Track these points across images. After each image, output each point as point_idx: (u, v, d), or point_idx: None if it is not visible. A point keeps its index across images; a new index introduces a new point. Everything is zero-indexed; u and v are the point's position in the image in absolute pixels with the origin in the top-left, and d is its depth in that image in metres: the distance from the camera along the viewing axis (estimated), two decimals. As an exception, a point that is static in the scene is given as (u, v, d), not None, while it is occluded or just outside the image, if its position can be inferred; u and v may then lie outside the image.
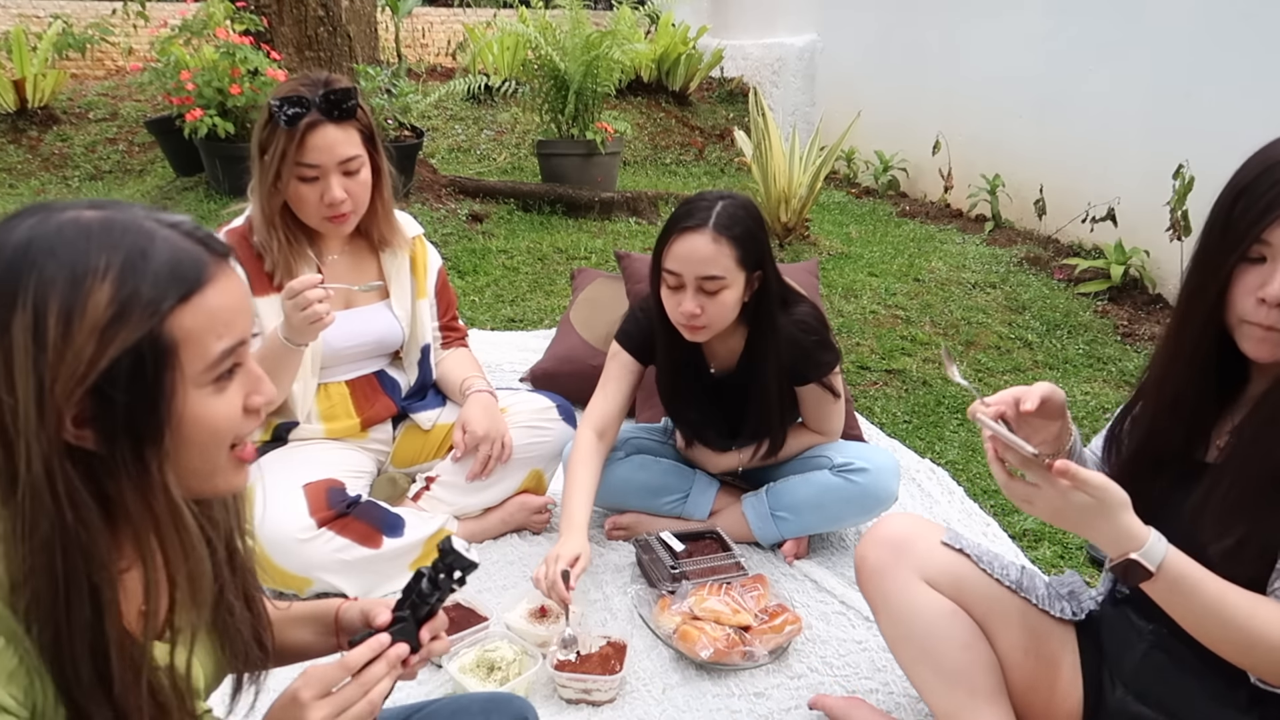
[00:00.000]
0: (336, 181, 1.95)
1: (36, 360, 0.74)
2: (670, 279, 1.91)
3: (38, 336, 0.74)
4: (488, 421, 2.13)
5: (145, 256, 0.78)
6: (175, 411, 0.79)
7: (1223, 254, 1.18)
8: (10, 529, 0.76)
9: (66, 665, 0.78)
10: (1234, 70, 4.03)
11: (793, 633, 1.84)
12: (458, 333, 2.37)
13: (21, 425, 0.74)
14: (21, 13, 7.75)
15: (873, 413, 3.11)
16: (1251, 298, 1.15)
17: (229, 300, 0.83)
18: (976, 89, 5.74)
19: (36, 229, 0.77)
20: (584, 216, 5.36)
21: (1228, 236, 1.18)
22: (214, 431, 0.83)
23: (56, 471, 0.75)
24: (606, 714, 1.69)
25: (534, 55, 5.64)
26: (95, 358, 0.75)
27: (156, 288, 0.77)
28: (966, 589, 1.43)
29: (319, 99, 1.91)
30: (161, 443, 0.79)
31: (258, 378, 0.88)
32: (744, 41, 8.24)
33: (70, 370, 0.74)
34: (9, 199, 5.67)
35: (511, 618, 1.86)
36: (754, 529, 2.20)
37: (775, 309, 2.00)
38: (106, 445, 0.77)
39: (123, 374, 0.76)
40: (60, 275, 0.75)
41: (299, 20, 5.27)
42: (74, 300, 0.75)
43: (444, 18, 9.41)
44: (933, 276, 4.47)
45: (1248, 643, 1.13)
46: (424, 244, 2.26)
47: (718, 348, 2.09)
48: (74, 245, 0.76)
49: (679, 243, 1.89)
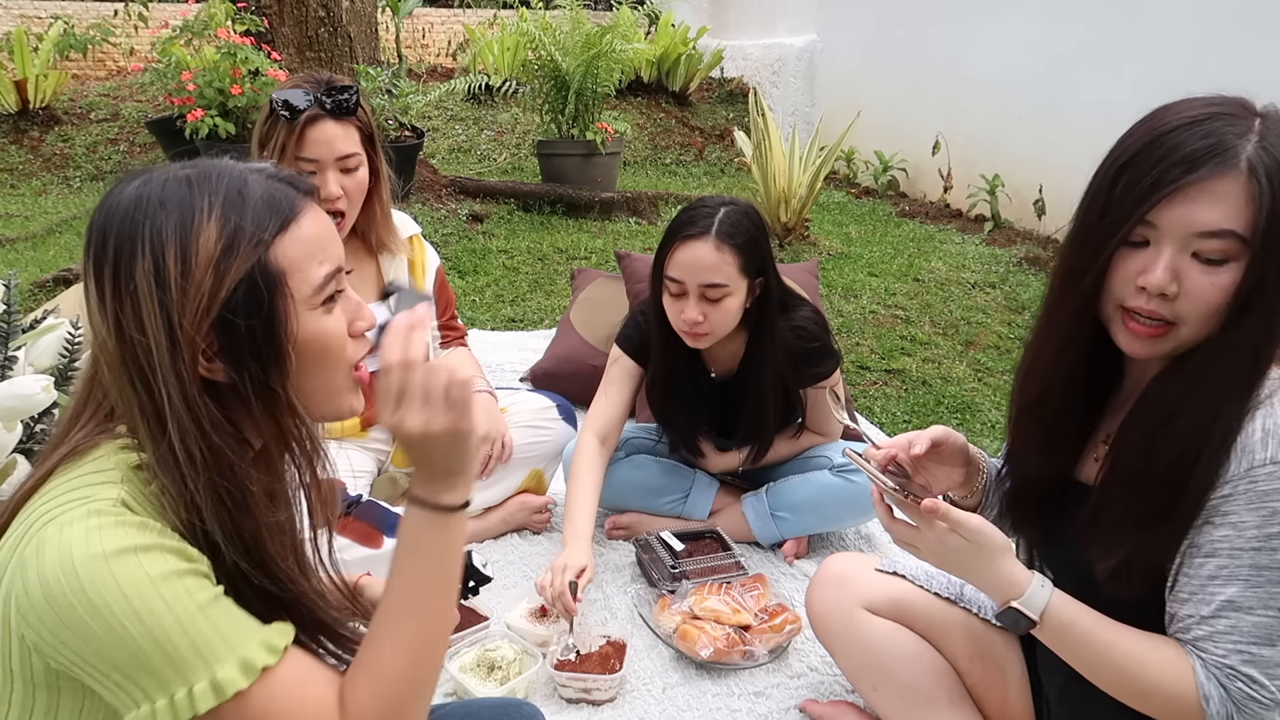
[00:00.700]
0: (333, 177, 1.95)
1: (162, 300, 0.81)
2: (673, 286, 1.91)
3: (159, 279, 0.81)
4: (488, 422, 2.13)
5: (242, 196, 0.85)
6: (292, 332, 0.86)
7: (1102, 235, 1.06)
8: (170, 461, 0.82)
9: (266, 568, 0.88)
10: (1233, 71, 4.03)
11: (793, 632, 1.85)
12: (457, 332, 2.37)
13: (158, 363, 0.81)
14: (23, 13, 7.76)
15: (873, 413, 3.12)
16: (1131, 284, 1.04)
17: (321, 229, 0.91)
18: (976, 89, 5.74)
19: (142, 189, 0.84)
20: (584, 216, 5.36)
21: (1108, 216, 1.05)
22: (329, 349, 0.91)
23: (197, 403, 0.82)
24: (606, 713, 1.69)
25: (534, 55, 5.65)
26: (215, 290, 0.82)
27: (257, 221, 0.85)
28: (906, 607, 1.45)
29: (321, 94, 1.92)
30: (285, 364, 0.86)
31: (358, 304, 0.95)
32: (744, 42, 8.24)
33: (194, 305, 0.82)
34: (10, 199, 5.67)
35: (512, 617, 1.86)
36: (754, 529, 2.20)
37: (775, 314, 2.00)
38: (236, 372, 0.85)
39: (241, 303, 0.83)
40: (171, 221, 0.82)
41: (300, 21, 5.28)
42: (187, 241, 0.82)
43: (444, 18, 9.41)
44: (932, 276, 4.47)
45: (1140, 691, 1.05)
46: (421, 243, 2.27)
47: (718, 352, 2.10)
48: (178, 195, 0.84)
49: (682, 250, 1.88)
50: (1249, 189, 0.97)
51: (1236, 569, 1.01)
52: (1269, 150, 0.99)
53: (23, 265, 4.24)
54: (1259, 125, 1.01)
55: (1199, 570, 1.04)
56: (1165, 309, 1.03)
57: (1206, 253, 1.00)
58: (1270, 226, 0.97)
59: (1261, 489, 0.99)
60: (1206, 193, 0.98)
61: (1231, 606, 1.01)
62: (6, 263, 4.26)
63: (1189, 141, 1.00)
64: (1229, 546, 1.01)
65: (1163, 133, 1.03)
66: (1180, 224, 1.00)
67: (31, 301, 3.41)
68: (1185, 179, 0.99)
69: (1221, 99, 1.05)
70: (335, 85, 1.95)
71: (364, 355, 0.96)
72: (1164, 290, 1.01)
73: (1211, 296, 1.01)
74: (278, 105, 1.91)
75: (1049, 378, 1.17)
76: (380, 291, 2.17)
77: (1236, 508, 1.00)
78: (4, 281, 2.51)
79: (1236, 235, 0.98)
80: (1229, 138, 0.99)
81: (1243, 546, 1.00)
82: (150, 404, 0.82)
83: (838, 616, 1.49)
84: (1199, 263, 1.01)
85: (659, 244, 1.95)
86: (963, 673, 1.43)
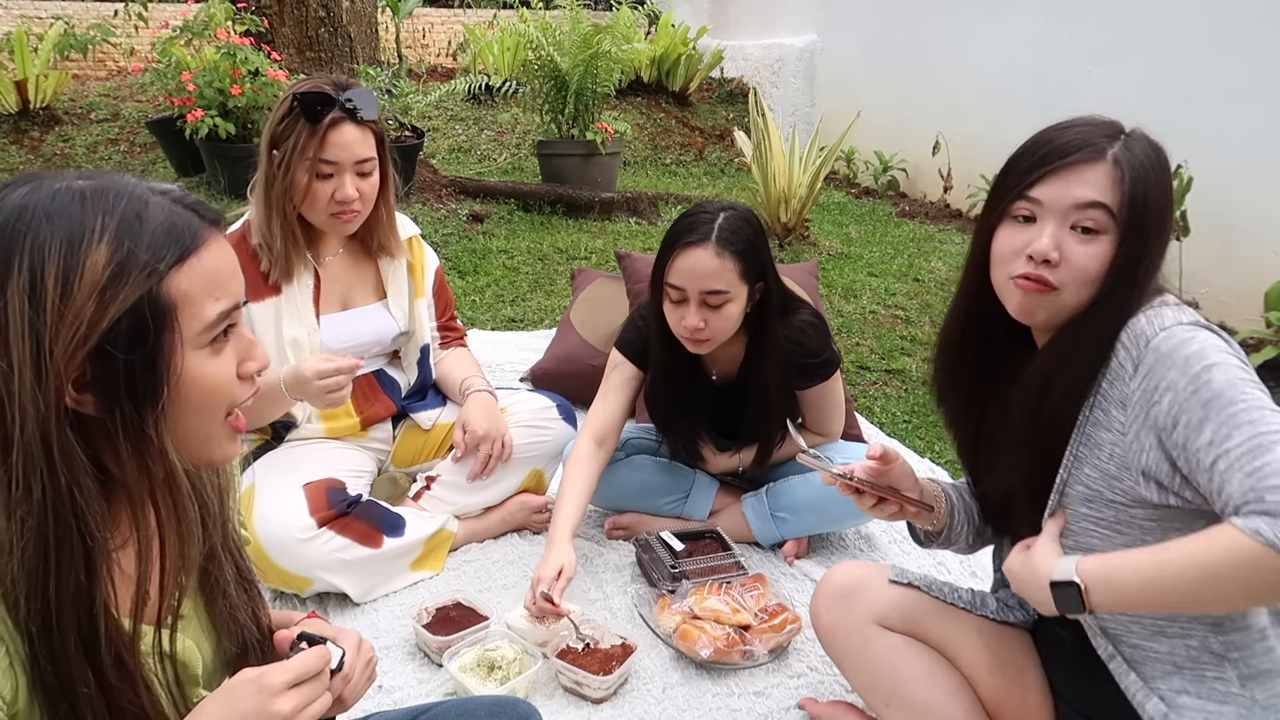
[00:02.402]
0: (350, 180, 1.96)
1: (34, 323, 0.74)
2: (673, 293, 1.90)
3: (34, 299, 0.74)
4: (487, 421, 2.13)
5: (140, 219, 0.79)
6: (174, 372, 0.80)
7: (991, 214, 1.27)
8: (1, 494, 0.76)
9: (54, 635, 0.78)
10: (1232, 71, 4.03)
11: (793, 632, 1.85)
12: (456, 333, 2.37)
13: (16, 389, 0.74)
14: (23, 13, 7.76)
15: (872, 413, 3.12)
16: (1020, 255, 1.21)
17: (222, 263, 0.84)
18: (976, 89, 5.75)
19: (29, 196, 0.77)
20: (584, 216, 5.36)
21: (997, 201, 1.26)
22: (211, 393, 0.84)
23: (53, 435, 0.75)
24: (606, 712, 1.70)
25: (534, 55, 5.65)
26: (96, 318, 0.75)
27: (153, 249, 0.78)
28: (920, 620, 1.43)
29: (344, 99, 1.92)
30: (160, 404, 0.80)
31: (250, 343, 0.89)
32: (744, 42, 8.24)
33: (70, 332, 0.75)
34: (10, 199, 5.67)
35: (512, 617, 1.86)
36: (754, 529, 2.21)
37: (775, 319, 2.00)
38: (107, 407, 0.78)
39: (123, 334, 0.77)
40: (56, 238, 0.75)
41: (300, 21, 5.28)
42: (71, 262, 0.75)
43: (444, 18, 9.42)
44: (932, 276, 4.47)
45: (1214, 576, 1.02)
46: (420, 245, 2.27)
47: (718, 355, 2.10)
48: (68, 210, 0.77)
49: (682, 258, 1.87)
50: (1114, 175, 1.18)
51: (1192, 417, 1.07)
52: (1131, 150, 1.20)
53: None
54: (1124, 136, 1.22)
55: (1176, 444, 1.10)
56: (1049, 274, 1.20)
57: (1083, 222, 1.18)
58: (1132, 207, 1.17)
59: (1164, 349, 1.11)
60: (1078, 174, 1.19)
61: (1213, 446, 1.05)
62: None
63: (1065, 138, 1.22)
64: (1176, 410, 1.08)
65: (1045, 136, 1.24)
66: (1059, 198, 1.19)
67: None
68: (1060, 162, 1.20)
69: (1095, 118, 1.25)
70: (357, 89, 1.96)
71: (245, 400, 0.89)
72: (1048, 255, 1.19)
73: (1087, 263, 1.18)
74: (301, 106, 1.90)
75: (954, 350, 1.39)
76: (379, 293, 2.18)
77: (1158, 376, 1.11)
78: None
79: (1106, 208, 1.17)
80: (1098, 139, 1.20)
81: (1184, 398, 1.08)
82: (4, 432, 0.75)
83: (847, 631, 1.47)
84: (1076, 233, 1.19)
85: (658, 251, 1.94)
86: (981, 683, 1.40)
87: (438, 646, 1.77)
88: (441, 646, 1.76)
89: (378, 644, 1.86)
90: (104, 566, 0.80)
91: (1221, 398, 1.05)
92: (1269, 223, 3.84)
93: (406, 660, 1.82)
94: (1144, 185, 1.17)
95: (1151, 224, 1.18)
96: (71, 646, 0.79)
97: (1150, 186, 1.18)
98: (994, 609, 1.44)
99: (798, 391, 2.11)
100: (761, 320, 1.99)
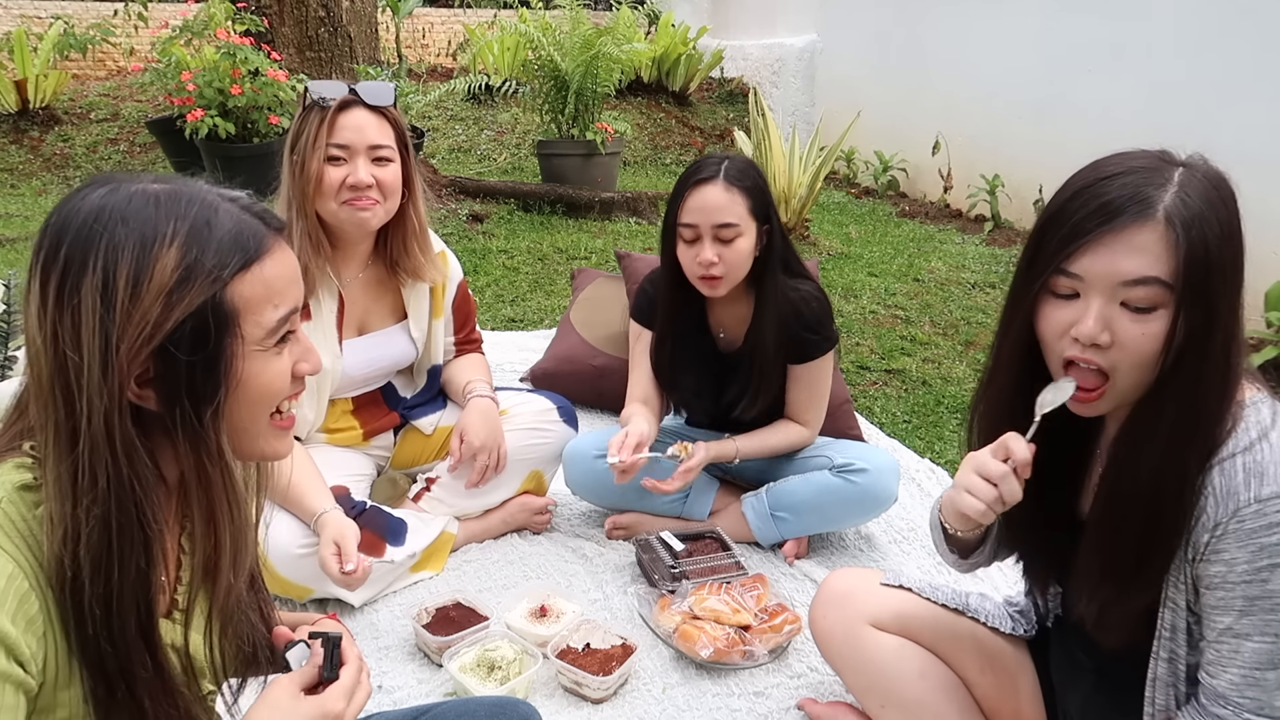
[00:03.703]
0: (364, 165, 1.90)
1: (104, 320, 0.78)
2: (686, 232, 1.98)
3: (106, 298, 0.78)
4: (485, 431, 2.10)
5: (210, 226, 0.82)
6: (234, 374, 0.84)
7: (1027, 284, 1.10)
8: (68, 481, 0.79)
9: (114, 619, 0.81)
10: (1233, 71, 4.03)
11: (792, 632, 1.85)
12: (473, 345, 2.32)
13: (85, 382, 0.78)
14: (23, 13, 7.76)
15: (872, 413, 3.12)
16: (1066, 338, 1.07)
17: (284, 271, 0.88)
18: (976, 89, 5.75)
19: (107, 198, 0.80)
20: (584, 216, 5.36)
21: (1033, 268, 1.09)
22: (266, 394, 0.88)
23: (116, 427, 0.79)
24: (606, 712, 1.70)
25: (534, 55, 5.65)
26: (161, 320, 0.79)
27: (219, 256, 0.82)
28: (913, 621, 1.44)
29: (355, 87, 1.92)
30: (218, 404, 0.83)
31: (307, 348, 0.92)
32: (744, 42, 8.24)
33: (136, 331, 0.78)
34: (11, 199, 5.67)
35: (511, 617, 1.86)
36: (754, 529, 2.21)
37: (780, 269, 2.05)
38: (167, 404, 0.82)
39: (186, 336, 0.80)
40: (129, 240, 0.79)
41: (300, 21, 5.28)
42: (142, 264, 0.79)
43: (444, 18, 9.42)
44: (932, 276, 4.47)
45: None
46: (446, 259, 2.19)
47: (725, 316, 2.12)
48: (143, 213, 0.80)
49: (694, 195, 1.96)
50: (1167, 238, 1.00)
51: (1231, 600, 1.05)
52: (1187, 200, 1.01)
53: (23, 265, 4.21)
54: (1179, 175, 1.03)
55: (1204, 602, 1.09)
56: (1101, 358, 1.05)
57: (1134, 301, 1.02)
58: (1191, 273, 1.00)
59: (1249, 527, 1.02)
60: (1124, 242, 1.01)
61: (1231, 633, 1.06)
62: (6, 263, 4.26)
63: (1108, 192, 1.03)
64: (1223, 581, 1.05)
65: (1084, 186, 1.06)
66: (1104, 274, 1.02)
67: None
68: (1103, 229, 1.02)
69: (1144, 153, 1.08)
70: (373, 82, 1.95)
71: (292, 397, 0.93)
72: (1096, 340, 1.04)
73: (1143, 345, 1.03)
74: (312, 94, 1.89)
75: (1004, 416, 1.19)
76: (398, 313, 2.13)
77: (1227, 546, 1.04)
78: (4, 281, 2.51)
79: (1161, 281, 1.00)
80: (1147, 189, 1.02)
81: (1235, 581, 1.04)
82: (68, 420, 0.79)
83: (842, 634, 1.48)
84: (1128, 311, 1.03)
85: (668, 201, 2.02)
86: (973, 685, 1.41)
87: (438, 647, 1.77)
88: (441, 647, 1.76)
89: (377, 644, 1.86)
90: (160, 555, 0.85)
91: (1265, 601, 1.03)
92: (1269, 223, 3.83)
93: (406, 660, 1.82)
94: (1204, 245, 1.00)
95: (1216, 287, 1.01)
96: (131, 630, 0.83)
97: (1213, 242, 1.00)
98: (990, 614, 1.44)
99: (791, 367, 2.12)
100: (768, 268, 2.04)
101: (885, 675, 1.42)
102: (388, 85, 1.95)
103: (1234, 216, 1.05)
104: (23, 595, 0.77)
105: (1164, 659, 1.13)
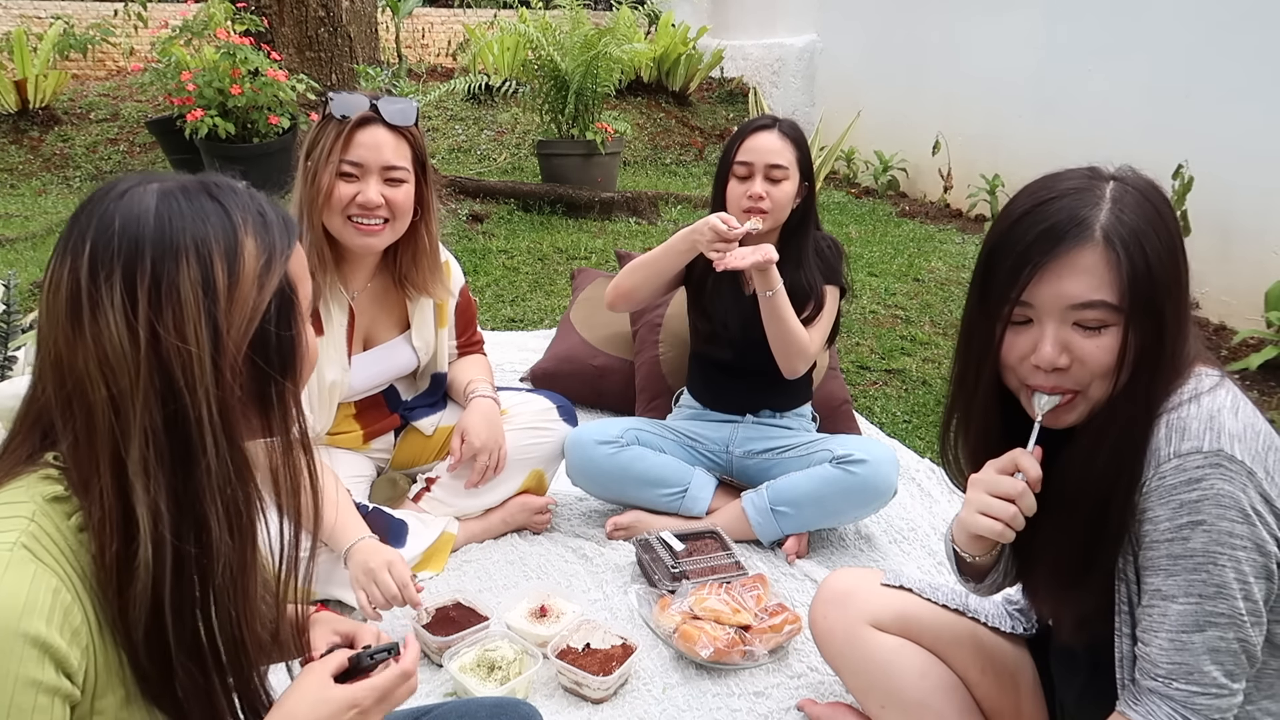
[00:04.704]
0: (375, 185, 1.86)
1: (210, 310, 0.81)
2: (741, 169, 2.20)
3: (208, 289, 0.81)
4: (486, 432, 2.10)
5: (263, 213, 0.88)
6: (304, 343, 0.91)
7: (984, 320, 1.13)
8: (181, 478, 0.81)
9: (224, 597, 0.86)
10: (1233, 71, 4.03)
11: (792, 632, 1.85)
12: (475, 347, 2.33)
13: (197, 372, 0.81)
14: (23, 13, 7.76)
15: (872, 413, 3.12)
16: (1027, 363, 1.10)
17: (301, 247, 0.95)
18: (976, 89, 5.74)
19: (163, 202, 0.83)
20: (584, 216, 5.36)
21: (985, 302, 1.12)
22: (314, 363, 0.94)
23: (231, 412, 0.83)
24: (607, 712, 1.70)
25: (534, 55, 5.65)
26: (259, 301, 0.85)
27: (281, 237, 0.88)
28: (913, 621, 1.44)
29: (377, 102, 1.87)
30: (299, 374, 0.90)
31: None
32: (744, 42, 8.24)
33: (241, 315, 0.83)
34: (10, 199, 5.67)
35: (512, 617, 1.86)
36: (754, 525, 2.21)
37: (811, 224, 2.30)
38: (261, 383, 0.87)
39: (274, 314, 0.86)
40: (214, 233, 0.83)
41: (299, 21, 5.28)
42: (233, 253, 0.84)
43: (444, 18, 9.42)
44: (932, 276, 4.47)
45: None
46: (449, 268, 2.18)
47: None
48: (211, 208, 0.85)
49: (752, 139, 2.20)
50: (1108, 258, 1.04)
51: (1157, 560, 1.06)
52: (1122, 216, 1.05)
53: (22, 265, 4.24)
54: (1110, 191, 1.07)
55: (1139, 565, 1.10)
56: (1065, 380, 1.09)
57: (1086, 321, 1.06)
58: (1136, 290, 1.04)
59: (1169, 483, 1.03)
60: (1068, 266, 1.05)
61: (1159, 595, 1.06)
62: (6, 263, 4.26)
63: (1048, 217, 1.07)
64: (1150, 541, 1.06)
65: (1024, 212, 1.09)
66: (1053, 300, 1.06)
67: (31, 301, 3.41)
68: (1047, 257, 1.05)
69: (1074, 172, 1.11)
70: (396, 98, 1.90)
71: None
72: (1055, 364, 1.07)
73: (1101, 357, 1.07)
74: (330, 104, 1.85)
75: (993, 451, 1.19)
76: (402, 324, 2.12)
77: (1152, 504, 1.05)
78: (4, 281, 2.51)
79: (1108, 304, 1.04)
80: (1082, 210, 1.06)
81: (1159, 539, 1.05)
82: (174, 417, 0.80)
83: (842, 634, 1.48)
84: (1081, 330, 1.07)
85: (725, 147, 2.26)
86: (973, 685, 1.41)
87: (438, 646, 1.77)
88: (441, 646, 1.76)
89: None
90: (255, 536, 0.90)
91: (1188, 560, 1.03)
92: (1269, 223, 3.83)
93: (406, 660, 1.82)
94: (1145, 260, 1.03)
95: (1162, 298, 1.05)
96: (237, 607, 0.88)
97: (1153, 255, 1.04)
98: (990, 614, 1.44)
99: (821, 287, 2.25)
100: (804, 220, 2.27)
101: (885, 675, 1.42)
102: (411, 104, 1.90)
103: (1171, 223, 1.08)
104: (67, 607, 0.77)
105: (1126, 634, 1.14)
